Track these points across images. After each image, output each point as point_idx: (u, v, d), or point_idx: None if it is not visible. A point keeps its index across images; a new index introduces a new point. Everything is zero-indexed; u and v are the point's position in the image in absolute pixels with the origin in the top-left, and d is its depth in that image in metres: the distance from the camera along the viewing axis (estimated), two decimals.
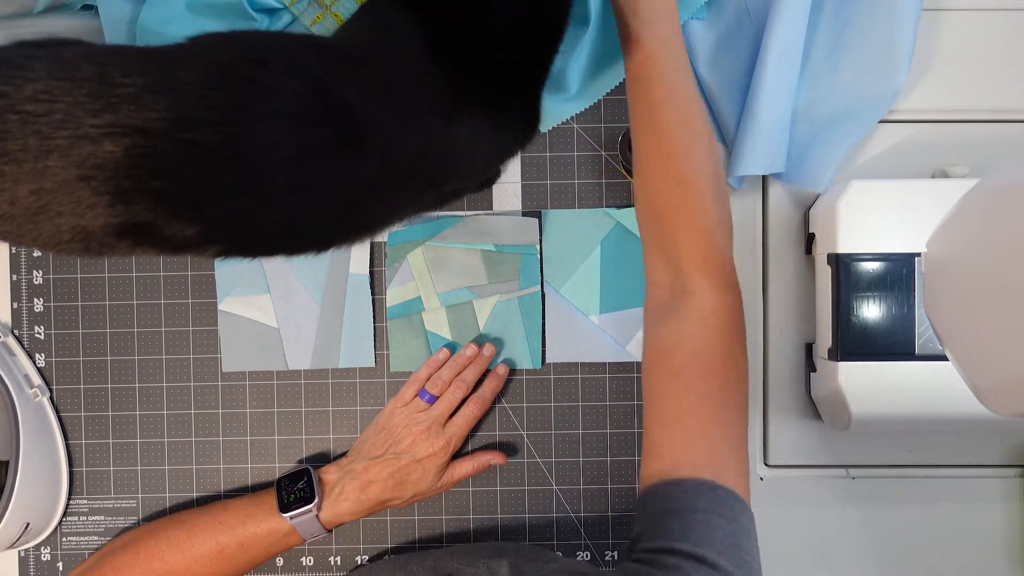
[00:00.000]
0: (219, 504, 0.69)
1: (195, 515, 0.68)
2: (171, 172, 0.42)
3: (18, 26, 0.71)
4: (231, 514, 0.67)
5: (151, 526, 0.69)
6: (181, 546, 0.66)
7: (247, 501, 0.68)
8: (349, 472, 0.68)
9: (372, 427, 0.70)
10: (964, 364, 0.46)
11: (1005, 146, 0.72)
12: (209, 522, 0.66)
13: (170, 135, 0.41)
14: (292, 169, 0.45)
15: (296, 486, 0.67)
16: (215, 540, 0.66)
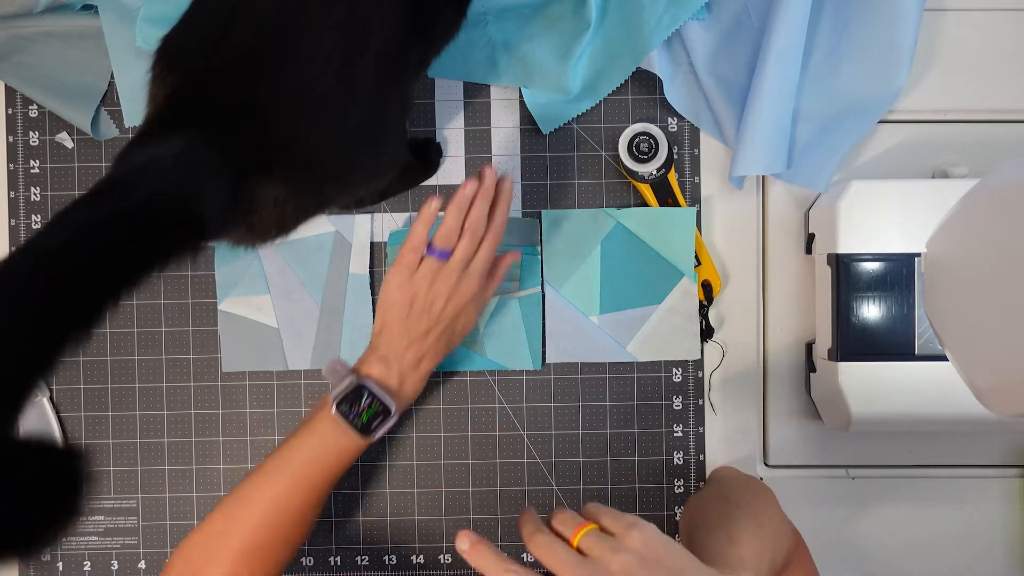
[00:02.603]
0: (281, 460, 0.62)
1: (265, 483, 0.62)
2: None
3: (18, 26, 0.71)
4: (303, 464, 0.61)
5: (219, 508, 0.63)
6: (269, 519, 0.61)
7: (312, 443, 0.62)
8: (396, 359, 0.63)
9: (389, 310, 0.63)
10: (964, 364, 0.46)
11: (1005, 146, 0.72)
12: (285, 481, 0.61)
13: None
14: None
15: (361, 405, 0.61)
16: (302, 497, 0.61)
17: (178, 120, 0.49)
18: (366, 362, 0.63)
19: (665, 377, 0.73)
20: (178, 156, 0.47)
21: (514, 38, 0.72)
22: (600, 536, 0.50)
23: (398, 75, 0.55)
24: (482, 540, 0.50)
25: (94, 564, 0.74)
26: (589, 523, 0.51)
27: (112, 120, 0.73)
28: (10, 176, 0.73)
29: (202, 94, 0.49)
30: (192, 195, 0.47)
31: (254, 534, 0.60)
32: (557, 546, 0.49)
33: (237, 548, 0.60)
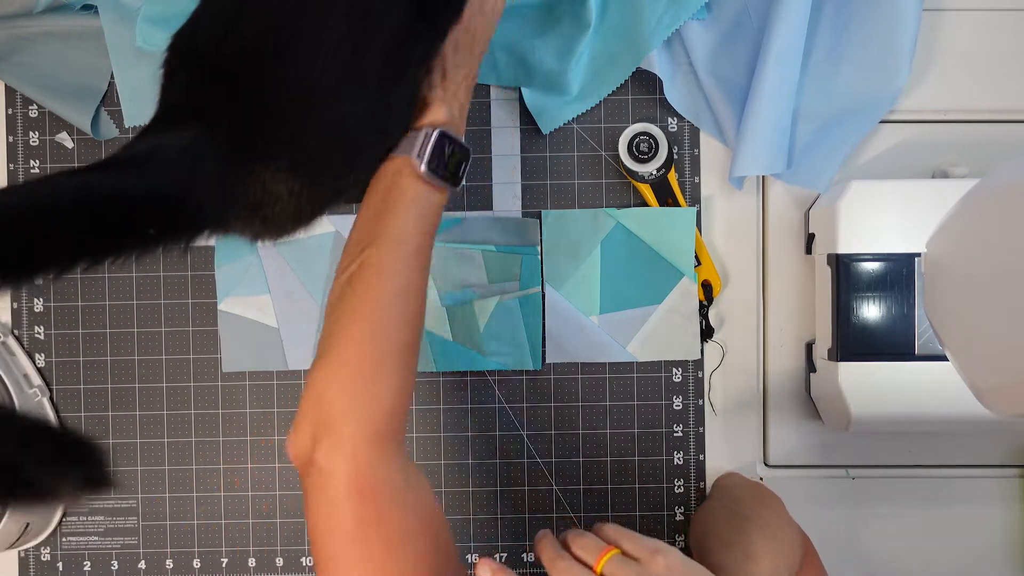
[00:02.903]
0: (387, 252, 0.55)
1: (386, 285, 0.54)
2: None
3: (18, 26, 0.71)
4: (416, 240, 0.56)
5: (338, 342, 0.54)
6: (404, 319, 0.54)
7: (412, 216, 0.56)
8: (453, 96, 0.59)
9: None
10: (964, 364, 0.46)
11: (1005, 146, 0.72)
12: (403, 268, 0.55)
13: None
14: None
15: (445, 155, 0.57)
16: (422, 277, 0.56)
17: (187, 114, 0.49)
18: (426, 109, 0.58)
19: (665, 377, 0.73)
20: (185, 147, 0.47)
21: (514, 38, 0.72)
22: (624, 561, 0.50)
23: (405, 64, 0.55)
24: (503, 569, 0.50)
25: (94, 564, 0.74)
26: (611, 548, 0.51)
27: (112, 120, 0.73)
28: (10, 176, 0.73)
29: (211, 89, 0.49)
30: (192, 185, 0.47)
31: (396, 344, 0.53)
32: (579, 572, 0.50)
33: (387, 370, 0.53)
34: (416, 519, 0.51)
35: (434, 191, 0.57)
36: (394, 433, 0.52)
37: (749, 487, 0.69)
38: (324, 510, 0.50)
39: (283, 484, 0.74)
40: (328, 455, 0.50)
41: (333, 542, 0.49)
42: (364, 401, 0.50)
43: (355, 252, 0.55)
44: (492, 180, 0.73)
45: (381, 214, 0.56)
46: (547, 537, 0.53)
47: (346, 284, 0.54)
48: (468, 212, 0.73)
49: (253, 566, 0.74)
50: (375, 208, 0.56)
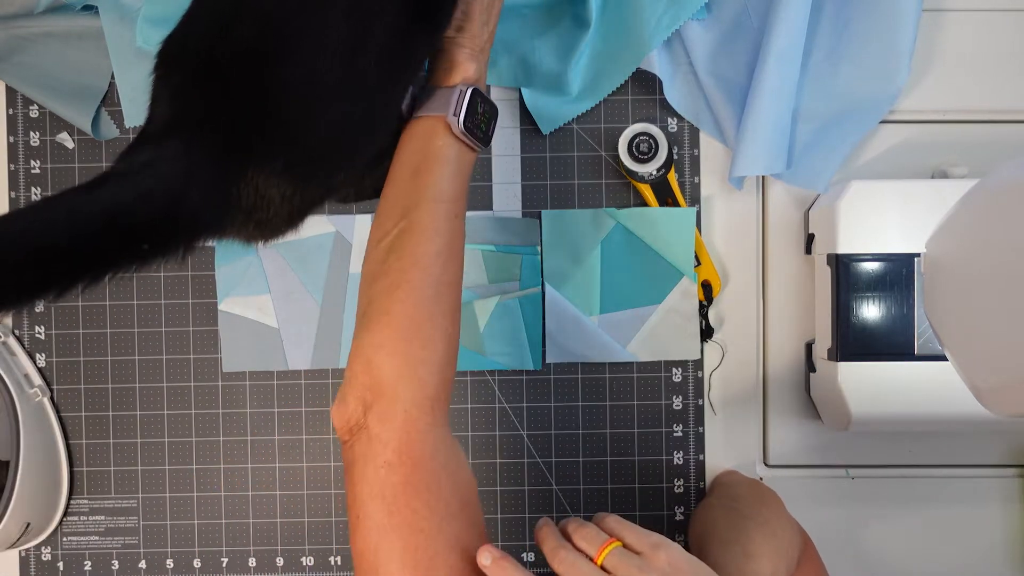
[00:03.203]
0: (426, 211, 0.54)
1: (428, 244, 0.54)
2: None
3: (19, 26, 0.71)
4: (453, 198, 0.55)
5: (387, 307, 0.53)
6: (451, 276, 0.55)
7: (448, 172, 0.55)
8: (481, 51, 0.58)
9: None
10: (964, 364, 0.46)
11: (1005, 146, 0.72)
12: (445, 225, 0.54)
13: None
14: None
15: (478, 114, 0.57)
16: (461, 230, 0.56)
17: (181, 119, 0.49)
18: (457, 67, 0.57)
19: (665, 377, 0.73)
20: (176, 157, 0.47)
21: (514, 39, 0.72)
22: (626, 554, 0.49)
23: (404, 65, 0.55)
24: (505, 556, 0.49)
25: (94, 564, 0.74)
26: (613, 540, 0.51)
27: (112, 120, 0.73)
28: (11, 176, 0.74)
29: (206, 90, 0.49)
30: (186, 196, 0.47)
31: (442, 306, 0.53)
32: (582, 564, 0.50)
33: (442, 332, 0.53)
34: (458, 494, 0.50)
35: (467, 150, 0.57)
36: (446, 398, 0.52)
37: (748, 485, 0.69)
38: (372, 475, 0.49)
39: (283, 484, 0.74)
40: (381, 420, 0.49)
41: (379, 508, 0.49)
42: (416, 365, 0.50)
43: (394, 215, 0.54)
44: (492, 180, 0.73)
45: (418, 173, 0.55)
46: (548, 526, 0.53)
47: (388, 250, 0.53)
48: (468, 212, 0.73)
49: (253, 566, 0.74)
50: (411, 167, 0.55)
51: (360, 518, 0.49)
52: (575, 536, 0.52)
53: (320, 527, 0.74)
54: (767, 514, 0.64)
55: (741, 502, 0.66)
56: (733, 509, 0.65)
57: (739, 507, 0.65)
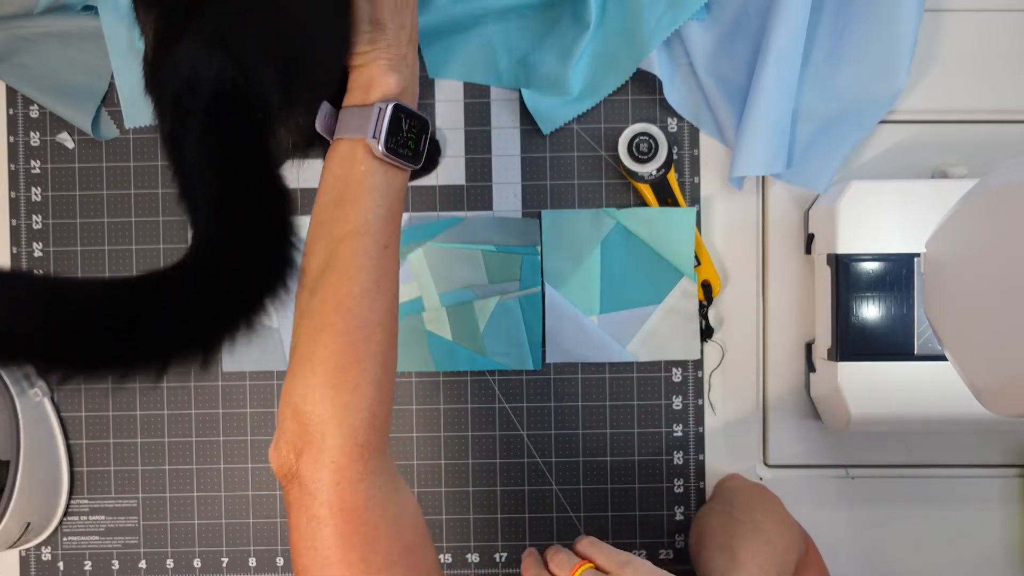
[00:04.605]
0: (348, 246, 0.51)
1: (351, 283, 0.51)
2: None
3: (18, 27, 0.71)
4: (378, 228, 0.52)
5: (307, 342, 0.51)
6: (376, 312, 0.51)
7: (373, 203, 0.52)
8: (401, 60, 0.54)
9: (378, 6, 0.53)
10: (963, 364, 0.46)
11: (1005, 146, 0.72)
12: (371, 256, 0.51)
13: None
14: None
15: (404, 131, 0.52)
16: (394, 260, 0.53)
17: (177, 33, 0.46)
18: (375, 82, 0.53)
19: (665, 377, 0.73)
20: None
21: (514, 39, 0.72)
22: (595, 574, 0.52)
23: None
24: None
25: (95, 564, 0.74)
26: (584, 562, 0.52)
27: (113, 120, 0.73)
28: (11, 176, 0.74)
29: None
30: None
31: (369, 349, 0.50)
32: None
33: (363, 373, 0.50)
34: (400, 541, 0.49)
35: (396, 172, 0.53)
36: (378, 444, 0.50)
37: (747, 491, 0.69)
38: (305, 528, 0.48)
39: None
40: (311, 470, 0.48)
41: (314, 561, 0.48)
42: (343, 412, 0.48)
43: (317, 249, 0.51)
44: (492, 180, 0.73)
45: (341, 203, 0.51)
46: (531, 556, 0.54)
47: (312, 289, 0.51)
48: (468, 212, 0.73)
49: (253, 566, 0.74)
50: (335, 196, 0.52)
51: (295, 563, 0.49)
52: (551, 563, 0.53)
53: None
54: (762, 520, 0.64)
55: (738, 508, 0.66)
56: (728, 515, 0.65)
57: (735, 513, 0.65)
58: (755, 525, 0.63)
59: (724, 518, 0.65)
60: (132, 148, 0.73)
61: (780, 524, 0.64)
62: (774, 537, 0.62)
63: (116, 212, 0.73)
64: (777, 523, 0.64)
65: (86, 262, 0.73)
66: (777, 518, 0.65)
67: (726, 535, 0.63)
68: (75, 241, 0.73)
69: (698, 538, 0.66)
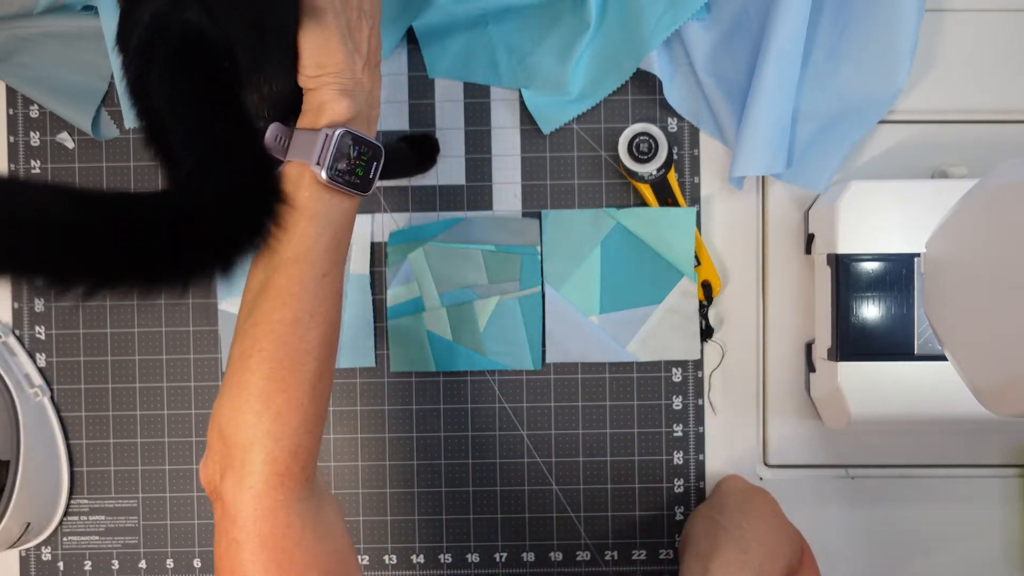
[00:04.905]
0: (290, 276, 0.50)
1: (284, 311, 0.50)
2: None
3: (18, 27, 0.71)
4: (321, 260, 0.51)
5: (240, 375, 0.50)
6: (311, 344, 0.51)
7: (316, 231, 0.51)
8: (357, 85, 0.52)
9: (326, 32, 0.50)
10: (963, 364, 0.46)
11: (1005, 146, 0.72)
12: (310, 290, 0.51)
13: None
14: None
15: (352, 158, 0.51)
16: (335, 293, 0.52)
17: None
18: (325, 107, 0.51)
19: (665, 377, 0.73)
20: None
21: (514, 39, 0.72)
22: None
23: None
24: None
25: (95, 564, 0.74)
26: None
27: (112, 120, 0.73)
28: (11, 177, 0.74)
29: None
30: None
31: (297, 378, 0.50)
32: None
33: (292, 399, 0.50)
34: (316, 568, 0.49)
35: (342, 199, 0.52)
36: (300, 472, 0.49)
37: (740, 494, 0.68)
38: (224, 550, 0.48)
39: None
40: (232, 494, 0.48)
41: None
42: (265, 440, 0.48)
43: (257, 271, 0.51)
44: (492, 180, 0.73)
45: (284, 227, 0.51)
46: None
47: (248, 311, 0.50)
48: (468, 212, 0.73)
49: None
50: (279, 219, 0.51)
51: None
52: None
53: None
54: (746, 527, 0.63)
55: (725, 513, 0.65)
56: (714, 520, 0.65)
57: (719, 518, 0.65)
58: (738, 533, 0.63)
59: (709, 523, 0.65)
60: (132, 148, 0.73)
61: (767, 531, 0.63)
62: (753, 546, 0.62)
63: None
64: (764, 530, 0.63)
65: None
66: (765, 525, 0.64)
67: (707, 542, 0.63)
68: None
69: (683, 542, 0.66)
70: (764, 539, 0.63)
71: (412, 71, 0.73)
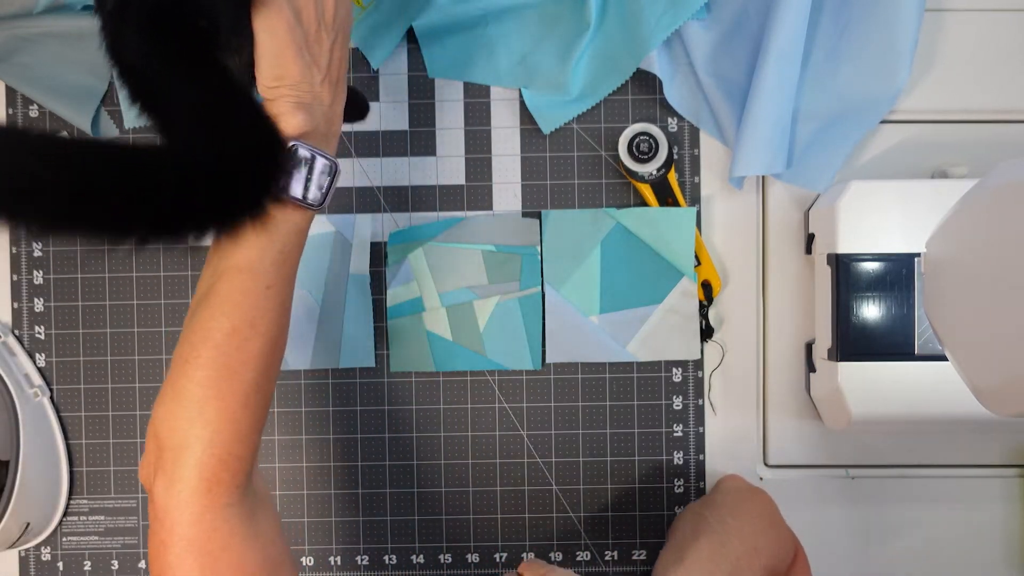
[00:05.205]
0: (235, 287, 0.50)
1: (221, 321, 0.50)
2: None
3: (18, 26, 0.71)
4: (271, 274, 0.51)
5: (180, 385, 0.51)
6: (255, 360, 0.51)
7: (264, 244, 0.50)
8: (315, 99, 0.51)
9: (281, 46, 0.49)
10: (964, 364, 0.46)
11: (1005, 146, 0.72)
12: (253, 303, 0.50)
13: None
14: None
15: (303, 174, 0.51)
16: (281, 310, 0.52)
17: None
18: (280, 120, 0.50)
19: (665, 377, 0.73)
20: None
21: (514, 39, 0.72)
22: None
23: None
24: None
25: (94, 564, 0.74)
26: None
27: (112, 120, 0.73)
28: None
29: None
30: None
31: (233, 387, 0.50)
32: None
33: (226, 409, 0.50)
34: (241, 572, 0.50)
35: (293, 212, 0.51)
36: (230, 480, 0.50)
37: (735, 494, 0.68)
38: (154, 549, 0.50)
39: (283, 484, 0.74)
40: (162, 496, 0.49)
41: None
42: (195, 446, 0.49)
43: (205, 276, 0.51)
44: (492, 180, 0.73)
45: (231, 236, 0.50)
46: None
47: (191, 315, 0.51)
48: (468, 212, 0.73)
49: None
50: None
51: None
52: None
53: (320, 527, 0.74)
54: (731, 523, 0.63)
55: (713, 509, 0.65)
56: (701, 515, 0.65)
57: (707, 514, 0.65)
58: (722, 527, 0.62)
59: (696, 518, 0.65)
60: None
61: (753, 530, 0.63)
62: (733, 541, 0.61)
63: None
64: (750, 528, 0.63)
65: (85, 262, 0.73)
66: (752, 523, 0.64)
67: (689, 535, 0.63)
68: (74, 241, 0.73)
69: (669, 534, 0.67)
70: (747, 536, 0.62)
71: (412, 71, 0.73)
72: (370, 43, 0.72)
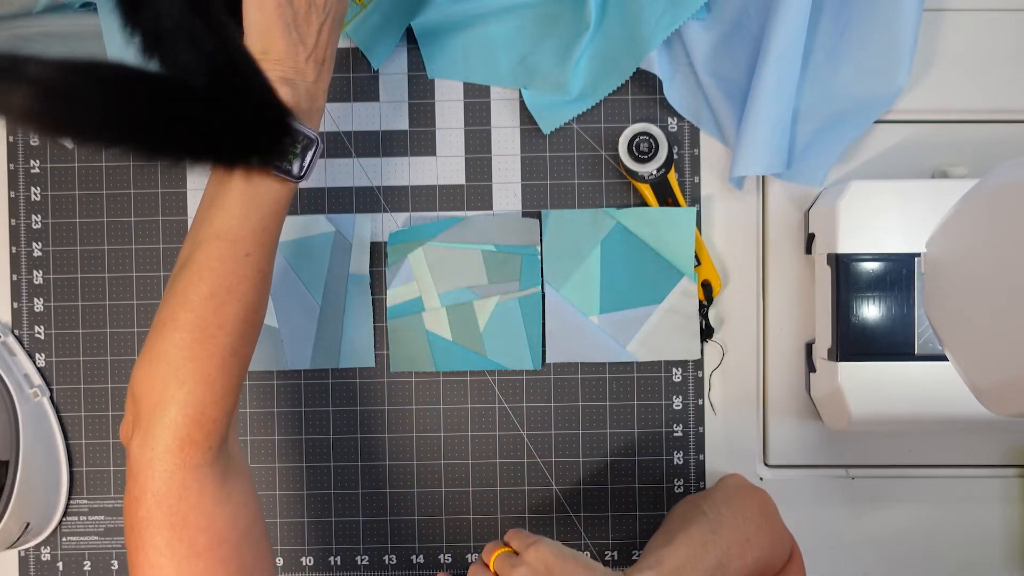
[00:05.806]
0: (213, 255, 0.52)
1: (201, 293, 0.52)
2: None
3: (18, 26, 0.71)
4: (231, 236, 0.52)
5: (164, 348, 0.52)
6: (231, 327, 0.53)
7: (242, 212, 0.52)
8: (299, 76, 0.53)
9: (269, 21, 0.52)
10: (964, 364, 0.46)
11: (1005, 146, 0.72)
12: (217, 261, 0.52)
13: None
14: None
15: (286, 145, 0.53)
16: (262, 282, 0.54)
17: None
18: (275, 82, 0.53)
19: (665, 377, 0.73)
20: None
21: (514, 39, 0.72)
22: (506, 556, 0.59)
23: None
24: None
25: (94, 564, 0.74)
26: (501, 547, 0.60)
27: None
28: (10, 176, 0.74)
29: None
30: None
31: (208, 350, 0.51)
32: (479, 570, 0.60)
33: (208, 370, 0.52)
34: (211, 532, 0.51)
35: (273, 183, 0.53)
36: (203, 439, 0.51)
37: (733, 490, 0.67)
38: (127, 506, 0.52)
39: (283, 484, 0.74)
40: (137, 453, 0.51)
41: (130, 539, 0.52)
42: (169, 405, 0.50)
43: (187, 244, 0.53)
44: (492, 180, 0.73)
45: (211, 204, 0.53)
46: (478, 563, 0.62)
47: (171, 280, 0.53)
48: (468, 212, 0.73)
49: None
50: (208, 196, 0.53)
51: (124, 530, 0.53)
52: (482, 553, 0.61)
53: (320, 527, 0.74)
54: (724, 514, 0.63)
55: (709, 501, 0.65)
56: (696, 505, 0.65)
57: (702, 504, 0.65)
58: (715, 516, 0.62)
59: (690, 507, 0.65)
60: None
61: (747, 523, 0.63)
62: (725, 531, 0.61)
63: (115, 212, 0.73)
64: (744, 521, 0.63)
65: (85, 261, 0.73)
66: (747, 518, 0.63)
67: (680, 521, 0.63)
68: (75, 241, 0.73)
69: (663, 523, 0.67)
70: (739, 525, 0.62)
71: (412, 71, 0.73)
72: (370, 43, 0.72)
